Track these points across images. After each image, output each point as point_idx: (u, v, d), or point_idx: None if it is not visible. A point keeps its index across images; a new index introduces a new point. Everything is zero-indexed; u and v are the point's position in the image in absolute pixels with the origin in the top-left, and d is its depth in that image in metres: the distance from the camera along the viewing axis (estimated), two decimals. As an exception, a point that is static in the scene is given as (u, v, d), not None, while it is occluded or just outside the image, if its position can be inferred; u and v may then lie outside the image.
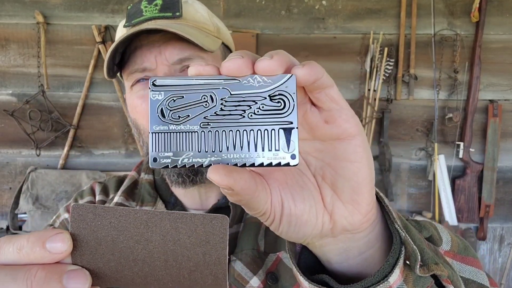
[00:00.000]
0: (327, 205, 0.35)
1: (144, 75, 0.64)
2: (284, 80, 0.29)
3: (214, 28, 0.69)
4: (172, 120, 0.30)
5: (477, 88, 2.29)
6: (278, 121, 0.29)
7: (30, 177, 2.16)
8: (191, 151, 0.29)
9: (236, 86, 0.29)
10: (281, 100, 0.29)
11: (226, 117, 0.29)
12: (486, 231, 2.37)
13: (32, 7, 2.25)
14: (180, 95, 0.29)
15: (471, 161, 2.33)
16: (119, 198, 0.72)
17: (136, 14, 0.66)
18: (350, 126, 0.32)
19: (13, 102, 2.29)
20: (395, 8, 2.30)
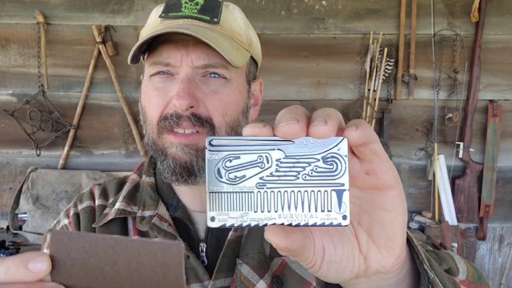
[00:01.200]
0: (363, 249, 0.36)
1: (166, 69, 0.63)
2: (337, 143, 0.30)
3: (247, 41, 0.69)
4: (229, 180, 0.30)
5: (477, 88, 2.29)
6: (331, 183, 0.30)
7: (30, 177, 2.16)
8: (248, 210, 0.30)
9: (291, 147, 0.30)
10: (333, 162, 0.30)
11: (282, 178, 0.30)
12: (486, 231, 2.37)
13: (32, 7, 2.25)
14: (236, 156, 0.30)
15: (471, 161, 2.33)
16: (121, 204, 0.70)
17: (175, 7, 0.64)
18: (390, 178, 0.34)
19: (14, 102, 2.30)
20: (395, 8, 2.30)
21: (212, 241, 0.67)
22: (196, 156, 0.62)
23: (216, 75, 0.63)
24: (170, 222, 0.67)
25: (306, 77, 2.33)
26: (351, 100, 2.33)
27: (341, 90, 2.35)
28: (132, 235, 0.69)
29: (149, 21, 0.68)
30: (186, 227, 0.68)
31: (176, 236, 0.65)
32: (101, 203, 0.74)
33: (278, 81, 2.30)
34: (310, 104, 2.35)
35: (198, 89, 0.62)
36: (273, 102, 2.34)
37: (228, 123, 0.64)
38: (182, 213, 0.69)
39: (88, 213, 0.73)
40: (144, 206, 0.70)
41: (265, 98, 2.68)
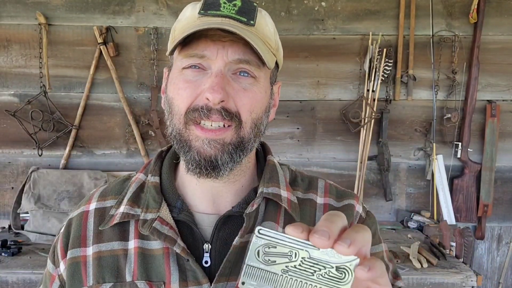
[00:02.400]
0: None
1: (200, 62, 0.64)
2: (351, 260, 0.39)
3: (275, 46, 0.72)
4: (264, 260, 0.40)
5: (475, 88, 2.31)
6: (336, 286, 0.39)
7: (32, 177, 2.18)
8: (270, 285, 0.40)
9: (315, 252, 0.40)
10: (343, 272, 0.39)
11: (301, 271, 0.40)
12: (484, 230, 2.39)
13: (33, 8, 2.26)
14: (274, 245, 0.40)
15: (469, 161, 2.34)
16: (125, 207, 0.70)
17: (213, 5, 0.66)
18: None
19: (15, 102, 2.31)
20: (394, 9, 2.32)
21: (217, 243, 0.67)
22: (221, 151, 0.64)
23: (246, 74, 0.65)
24: (172, 224, 0.67)
25: (305, 77, 2.35)
26: (350, 100, 2.34)
27: (340, 90, 2.36)
28: (133, 237, 0.69)
29: (183, 17, 0.69)
30: (191, 230, 0.68)
31: (176, 240, 0.65)
32: (98, 206, 0.74)
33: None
34: (310, 104, 2.36)
35: (229, 85, 0.64)
36: (273, 102, 2.35)
37: (254, 119, 0.66)
38: (187, 215, 0.69)
39: (78, 220, 0.73)
40: (147, 208, 0.69)
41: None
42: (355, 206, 0.74)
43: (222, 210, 0.70)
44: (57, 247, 0.73)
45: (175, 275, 0.65)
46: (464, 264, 1.86)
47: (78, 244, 0.71)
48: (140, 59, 2.30)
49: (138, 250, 0.68)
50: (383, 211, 2.43)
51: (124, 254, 0.68)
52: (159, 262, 0.66)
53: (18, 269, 1.75)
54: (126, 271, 0.67)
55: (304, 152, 2.40)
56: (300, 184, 0.75)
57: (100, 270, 0.68)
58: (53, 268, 0.74)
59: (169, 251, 0.66)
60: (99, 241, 0.70)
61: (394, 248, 1.97)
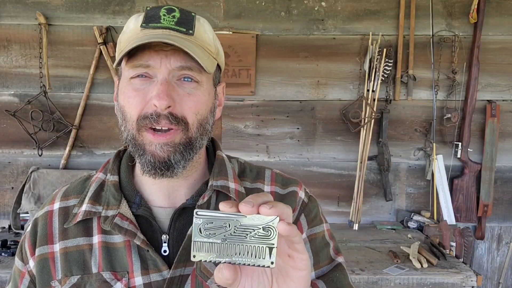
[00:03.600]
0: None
1: (146, 71, 0.70)
2: (272, 219, 0.49)
3: (215, 50, 0.76)
4: (206, 235, 0.50)
5: (475, 88, 2.31)
6: (266, 242, 0.49)
7: (32, 177, 2.18)
8: (215, 253, 0.50)
9: (244, 220, 0.50)
10: (269, 230, 0.49)
11: (237, 237, 0.50)
12: (484, 230, 2.39)
13: (33, 8, 2.26)
14: (211, 221, 0.50)
15: (469, 161, 2.34)
16: (86, 205, 0.75)
17: (154, 18, 0.72)
18: (302, 265, 0.52)
19: (15, 102, 2.31)
20: (394, 9, 2.32)
21: (174, 233, 0.74)
22: (173, 152, 0.70)
23: (189, 79, 0.71)
24: (132, 219, 0.73)
25: (305, 77, 2.35)
26: (350, 100, 2.34)
27: (340, 90, 2.36)
28: (96, 233, 0.75)
29: (127, 29, 0.75)
30: (149, 223, 0.74)
31: (136, 233, 0.71)
32: (62, 205, 0.79)
33: (278, 81, 2.32)
34: (310, 104, 2.36)
35: (174, 91, 0.69)
36: (273, 102, 2.35)
37: (199, 120, 0.72)
38: (145, 210, 0.75)
39: (44, 219, 0.79)
40: (108, 206, 0.75)
41: (265, 98, 2.71)
42: (298, 192, 0.81)
43: (178, 203, 0.76)
44: (25, 245, 0.79)
45: (137, 264, 0.71)
46: (464, 264, 1.86)
47: (45, 242, 0.76)
48: (140, 59, 2.30)
49: (102, 244, 0.74)
50: (383, 211, 2.43)
51: (89, 248, 0.74)
52: (122, 254, 0.72)
53: (18, 269, 1.75)
54: (92, 264, 0.73)
55: (304, 152, 2.40)
56: (248, 175, 0.83)
57: (68, 264, 0.74)
58: (22, 265, 0.79)
59: (130, 244, 0.72)
60: (65, 238, 0.76)
61: (394, 248, 1.97)
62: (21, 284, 0.78)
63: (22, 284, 0.78)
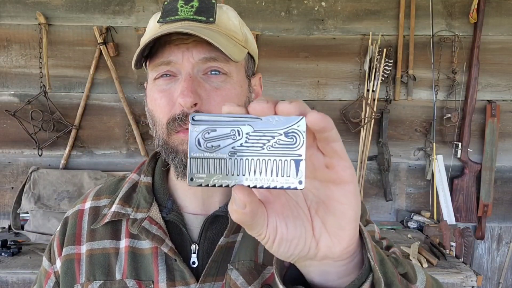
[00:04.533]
0: (316, 233, 0.41)
1: (168, 69, 0.65)
2: (297, 121, 0.35)
3: (243, 38, 0.70)
4: (207, 148, 0.36)
5: (475, 88, 2.31)
6: (290, 153, 0.35)
7: (32, 177, 2.18)
8: (220, 174, 0.36)
9: (259, 123, 0.36)
10: (293, 137, 0.35)
11: (250, 148, 0.36)
12: (484, 230, 2.39)
13: (33, 8, 2.26)
14: (213, 129, 0.36)
15: (469, 161, 2.34)
16: (116, 206, 0.72)
17: (171, 12, 0.67)
18: (346, 175, 0.38)
19: (15, 102, 2.31)
20: (394, 9, 2.32)
21: (205, 243, 0.68)
22: None
23: (217, 72, 0.65)
24: (161, 224, 0.68)
25: (305, 77, 2.35)
26: (350, 100, 2.34)
27: (340, 90, 2.36)
28: (124, 236, 0.70)
29: (148, 29, 0.71)
30: (179, 230, 0.69)
31: (164, 240, 0.66)
32: (93, 205, 0.75)
33: (278, 81, 2.32)
34: (310, 104, 2.36)
35: (200, 86, 0.64)
36: (273, 102, 2.35)
37: None
38: (176, 215, 0.70)
39: (74, 218, 0.75)
40: (137, 208, 0.70)
41: (265, 98, 2.67)
42: None
43: (211, 211, 0.71)
44: (54, 244, 0.75)
45: (162, 274, 0.66)
46: (464, 264, 1.86)
47: (73, 242, 0.72)
48: (140, 59, 2.30)
49: (129, 249, 0.69)
50: (383, 211, 2.43)
51: (115, 252, 0.70)
52: (148, 262, 0.67)
53: (18, 269, 1.75)
54: (116, 270, 0.69)
55: (304, 152, 2.39)
56: None
57: (91, 267, 0.69)
58: (49, 265, 0.75)
59: (158, 251, 0.67)
60: (92, 239, 0.71)
61: (394, 248, 1.96)
62: (45, 285, 0.74)
63: (47, 285, 0.74)
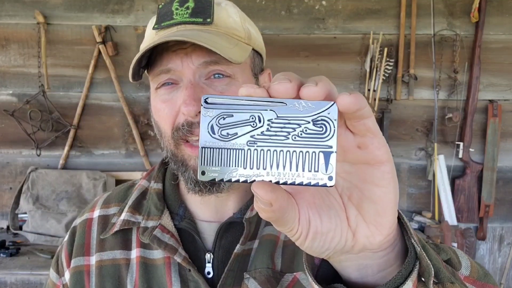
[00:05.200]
0: (351, 223, 0.36)
1: (169, 77, 0.62)
2: (327, 107, 0.31)
3: (245, 34, 0.67)
4: (221, 136, 0.31)
5: (476, 88, 2.29)
6: (319, 145, 0.31)
7: (31, 177, 2.16)
8: (237, 167, 0.31)
9: (283, 109, 0.31)
10: (323, 125, 0.31)
11: (272, 138, 0.31)
12: (485, 231, 2.37)
13: (32, 7, 2.25)
14: (230, 114, 0.31)
15: (471, 161, 2.33)
16: (126, 214, 0.69)
17: (166, 16, 0.63)
18: (381, 154, 0.34)
19: (14, 102, 2.29)
20: (395, 8, 2.31)
21: (219, 252, 0.65)
22: None
23: (220, 75, 0.62)
24: (173, 233, 0.65)
25: (306, 77, 2.31)
26: (351, 100, 2.33)
27: (341, 90, 2.31)
28: (135, 246, 0.67)
29: (146, 35, 0.68)
30: (192, 238, 0.66)
31: (177, 249, 0.63)
32: (102, 213, 0.72)
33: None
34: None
35: (204, 92, 0.60)
36: (273, 102, 2.33)
37: None
38: (188, 223, 0.67)
39: (82, 227, 0.72)
40: (148, 216, 0.67)
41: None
42: None
43: (225, 218, 0.68)
44: (62, 256, 0.72)
45: (176, 286, 0.63)
46: (466, 265, 1.84)
47: (82, 253, 0.69)
48: (140, 58, 2.29)
49: (140, 259, 0.66)
50: (384, 211, 2.42)
51: (126, 263, 0.66)
52: (161, 273, 0.64)
53: (17, 270, 1.74)
54: (128, 281, 0.65)
55: (304, 152, 2.39)
56: None
57: (101, 279, 0.66)
58: (57, 278, 0.72)
59: (170, 261, 0.64)
60: (101, 250, 0.68)
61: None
62: None
63: None
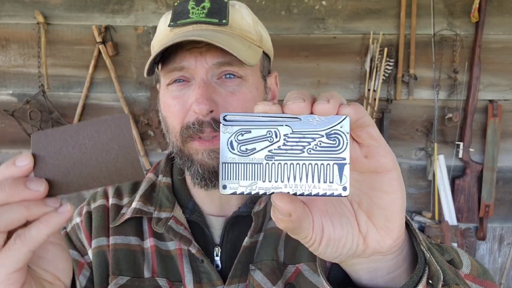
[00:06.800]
0: (362, 229, 0.38)
1: (182, 74, 0.63)
2: (340, 121, 0.33)
3: (257, 37, 0.68)
4: (240, 152, 0.33)
5: (476, 88, 2.29)
6: (333, 157, 0.33)
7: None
8: (256, 180, 0.33)
9: (298, 124, 0.33)
10: (336, 139, 0.33)
11: (288, 152, 0.33)
12: (485, 231, 2.37)
13: (32, 7, 2.25)
14: (248, 130, 0.33)
15: (471, 161, 2.33)
16: (137, 203, 0.70)
17: (182, 14, 0.64)
18: (387, 162, 0.36)
19: (14, 102, 2.30)
20: (395, 8, 2.31)
21: (227, 246, 0.67)
22: None
23: (232, 76, 0.63)
24: (186, 225, 0.67)
25: (306, 77, 2.34)
26: (351, 100, 2.33)
27: (341, 90, 2.35)
28: (148, 236, 0.69)
29: (158, 31, 0.68)
30: (202, 231, 0.68)
31: (192, 240, 0.65)
32: (115, 202, 0.74)
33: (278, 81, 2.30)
34: (310, 104, 2.35)
35: (215, 92, 0.62)
36: (273, 102, 2.33)
37: None
38: (198, 217, 0.69)
39: (100, 211, 0.73)
40: (160, 207, 0.69)
41: (265, 98, 2.63)
42: None
43: (230, 212, 0.70)
44: (81, 236, 0.73)
45: (189, 276, 0.65)
46: (465, 265, 1.84)
47: (103, 234, 0.71)
48: (139, 58, 2.29)
49: (155, 248, 0.67)
50: (384, 211, 2.42)
51: (142, 251, 0.68)
52: (175, 263, 0.66)
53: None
54: (145, 268, 0.67)
55: (304, 152, 2.38)
56: None
57: (116, 261, 0.68)
58: (78, 256, 0.73)
59: (182, 252, 0.66)
60: (115, 234, 0.70)
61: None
62: (80, 274, 0.71)
63: (82, 274, 0.71)
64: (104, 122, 0.39)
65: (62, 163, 0.39)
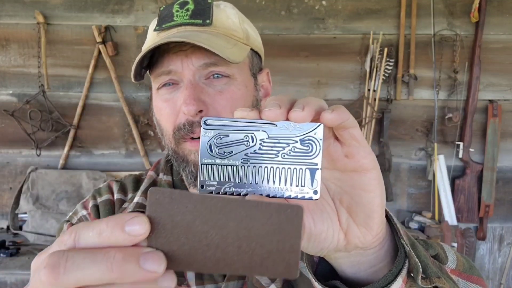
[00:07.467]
0: (343, 225, 0.40)
1: (170, 78, 0.65)
2: (313, 128, 0.35)
3: (244, 35, 0.69)
4: (218, 154, 0.35)
5: (476, 88, 2.29)
6: (306, 162, 0.35)
7: (31, 177, 2.16)
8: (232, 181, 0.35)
9: (274, 130, 0.35)
10: (309, 145, 0.35)
11: (263, 156, 0.35)
12: (485, 231, 2.37)
13: (32, 7, 2.25)
14: (226, 134, 0.35)
15: (471, 161, 2.33)
16: (140, 198, 0.71)
17: (167, 18, 0.66)
18: (367, 162, 0.37)
19: (14, 102, 2.29)
20: (395, 8, 2.31)
21: None
22: None
23: (219, 75, 0.64)
24: None
25: (306, 77, 2.33)
26: (351, 100, 2.33)
27: (341, 90, 2.35)
28: None
29: (148, 36, 0.70)
30: None
31: None
32: (120, 197, 0.75)
33: (278, 81, 2.30)
34: (310, 104, 2.34)
35: (203, 92, 0.63)
36: (273, 102, 2.33)
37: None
38: None
39: (108, 206, 0.74)
40: None
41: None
42: None
43: None
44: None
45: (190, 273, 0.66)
46: (466, 265, 1.84)
47: None
48: (139, 58, 2.29)
49: None
50: (384, 211, 2.42)
51: None
52: None
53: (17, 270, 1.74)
54: None
55: (304, 152, 2.38)
56: None
57: None
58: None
59: None
60: None
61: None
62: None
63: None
64: (266, 208, 0.31)
65: (188, 240, 0.31)
